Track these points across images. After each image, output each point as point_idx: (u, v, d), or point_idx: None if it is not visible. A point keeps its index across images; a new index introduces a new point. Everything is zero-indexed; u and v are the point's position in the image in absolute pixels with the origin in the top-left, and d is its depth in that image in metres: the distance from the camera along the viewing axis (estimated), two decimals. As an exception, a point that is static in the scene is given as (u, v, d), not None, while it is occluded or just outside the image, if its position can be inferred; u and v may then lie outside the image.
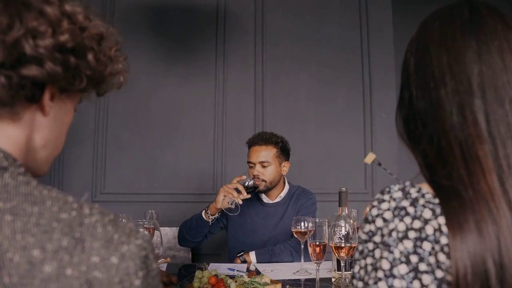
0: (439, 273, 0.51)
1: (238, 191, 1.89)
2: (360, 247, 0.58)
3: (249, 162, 2.06)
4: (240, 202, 1.88)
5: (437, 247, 0.52)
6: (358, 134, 2.98)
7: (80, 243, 0.43)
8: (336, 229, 1.40)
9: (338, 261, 1.52)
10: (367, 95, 3.01)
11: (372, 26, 3.06)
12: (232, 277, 1.46)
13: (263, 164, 2.01)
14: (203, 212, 1.97)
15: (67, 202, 0.46)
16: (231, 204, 1.88)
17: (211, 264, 1.79)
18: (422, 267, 0.51)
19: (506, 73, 0.56)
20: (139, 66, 2.81)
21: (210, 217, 1.95)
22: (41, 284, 0.41)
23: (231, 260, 2.01)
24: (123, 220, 0.48)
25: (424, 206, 0.54)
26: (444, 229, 0.52)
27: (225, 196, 1.88)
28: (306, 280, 1.59)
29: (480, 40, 0.58)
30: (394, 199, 0.56)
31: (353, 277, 0.58)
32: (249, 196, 1.92)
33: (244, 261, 1.92)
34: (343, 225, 1.40)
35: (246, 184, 1.94)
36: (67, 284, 0.41)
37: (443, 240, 0.52)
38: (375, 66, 3.03)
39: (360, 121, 2.99)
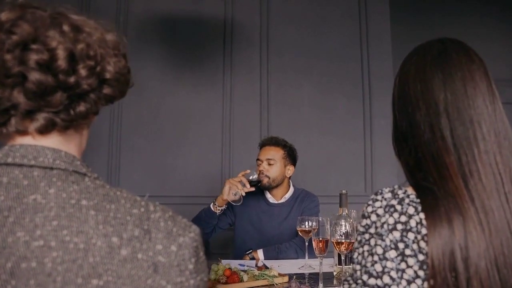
0: (421, 257, 0.64)
1: (243, 184, 2.08)
2: (358, 238, 0.72)
3: (258, 160, 2.24)
4: (243, 194, 2.07)
5: (419, 237, 0.65)
6: (358, 140, 3.11)
7: (148, 234, 0.53)
8: (337, 227, 1.54)
9: (339, 257, 1.67)
10: (366, 103, 3.14)
11: (371, 37, 3.19)
12: (243, 271, 1.60)
13: (269, 162, 2.20)
14: (212, 204, 2.14)
15: (136, 201, 0.57)
16: (235, 195, 2.06)
17: (222, 260, 1.94)
18: (407, 252, 0.65)
19: (467, 98, 0.70)
20: (151, 75, 2.95)
21: (218, 208, 2.12)
22: (118, 263, 0.49)
23: (238, 255, 2.16)
24: (179, 216, 0.59)
25: (408, 204, 0.68)
26: (424, 222, 0.66)
27: (230, 187, 2.07)
28: (310, 274, 1.74)
29: (445, 71, 0.72)
30: (385, 199, 0.70)
31: (352, 262, 0.72)
32: (252, 189, 2.10)
33: (253, 258, 2.07)
34: (343, 223, 1.54)
35: (250, 178, 2.13)
36: (138, 265, 0.50)
37: (423, 231, 0.65)
38: (374, 76, 3.16)
39: (360, 128, 3.12)
